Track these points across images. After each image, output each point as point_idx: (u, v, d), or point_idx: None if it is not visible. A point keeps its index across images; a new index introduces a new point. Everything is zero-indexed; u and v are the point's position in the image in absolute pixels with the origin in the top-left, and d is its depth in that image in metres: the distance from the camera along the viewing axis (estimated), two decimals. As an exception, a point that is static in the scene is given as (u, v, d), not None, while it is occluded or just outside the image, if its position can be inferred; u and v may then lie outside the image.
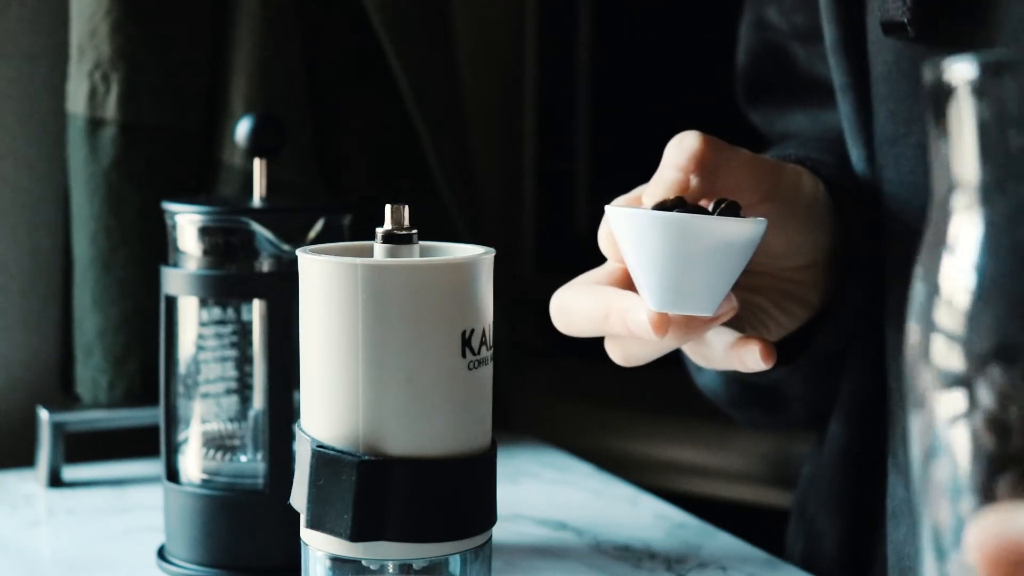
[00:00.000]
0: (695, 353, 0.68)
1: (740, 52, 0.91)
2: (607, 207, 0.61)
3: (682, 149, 0.62)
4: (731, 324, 0.67)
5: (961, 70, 0.35)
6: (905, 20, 0.67)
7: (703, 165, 0.62)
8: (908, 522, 0.72)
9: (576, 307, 0.64)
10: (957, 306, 0.35)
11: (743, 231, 0.59)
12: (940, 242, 0.36)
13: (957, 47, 0.67)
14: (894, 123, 0.71)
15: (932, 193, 0.37)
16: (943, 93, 0.35)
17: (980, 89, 0.34)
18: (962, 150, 0.35)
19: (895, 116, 0.70)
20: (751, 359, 0.64)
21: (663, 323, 0.60)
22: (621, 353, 0.66)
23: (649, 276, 0.60)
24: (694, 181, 0.62)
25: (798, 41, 0.85)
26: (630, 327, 0.61)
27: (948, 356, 0.35)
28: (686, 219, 0.59)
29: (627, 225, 0.60)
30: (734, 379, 0.80)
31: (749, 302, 0.69)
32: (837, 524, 0.80)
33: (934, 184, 0.37)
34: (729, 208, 0.61)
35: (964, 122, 0.35)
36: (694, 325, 0.62)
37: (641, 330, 0.61)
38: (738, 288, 0.67)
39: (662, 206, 0.61)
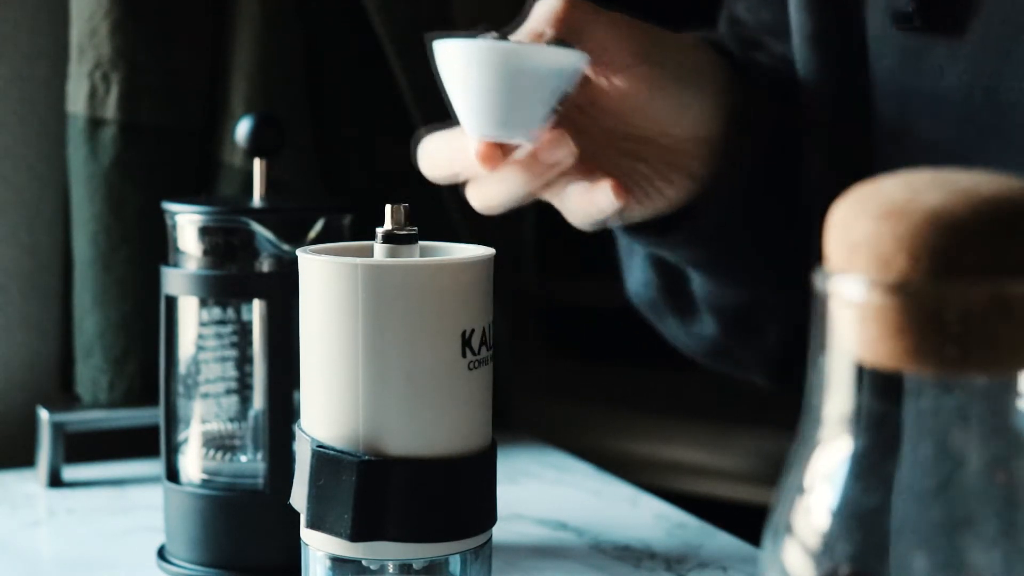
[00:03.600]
0: (565, 210, 0.70)
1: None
2: (435, 41, 0.65)
3: (546, 6, 0.65)
4: None
5: (847, 287, 0.33)
6: (911, 9, 0.67)
7: (561, 22, 0.64)
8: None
9: (432, 149, 0.68)
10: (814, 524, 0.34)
11: (551, 57, 0.63)
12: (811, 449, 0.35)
13: (953, 35, 0.67)
14: (901, 118, 0.70)
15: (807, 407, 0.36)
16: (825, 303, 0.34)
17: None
18: (839, 371, 0.34)
19: (902, 110, 0.70)
20: (603, 196, 0.66)
21: (488, 153, 0.64)
22: (478, 197, 0.68)
23: (462, 102, 0.64)
24: (548, 33, 0.64)
25: (770, 35, 0.85)
26: (464, 160, 0.65)
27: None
28: (492, 43, 0.62)
29: (444, 55, 0.64)
30: (653, 280, 0.82)
31: (632, 168, 0.71)
32: None
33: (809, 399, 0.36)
34: (556, 43, 0.64)
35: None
36: (533, 165, 0.65)
37: (467, 160, 0.65)
38: (621, 154, 0.70)
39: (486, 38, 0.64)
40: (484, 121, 0.64)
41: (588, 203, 0.67)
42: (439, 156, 0.68)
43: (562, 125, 0.68)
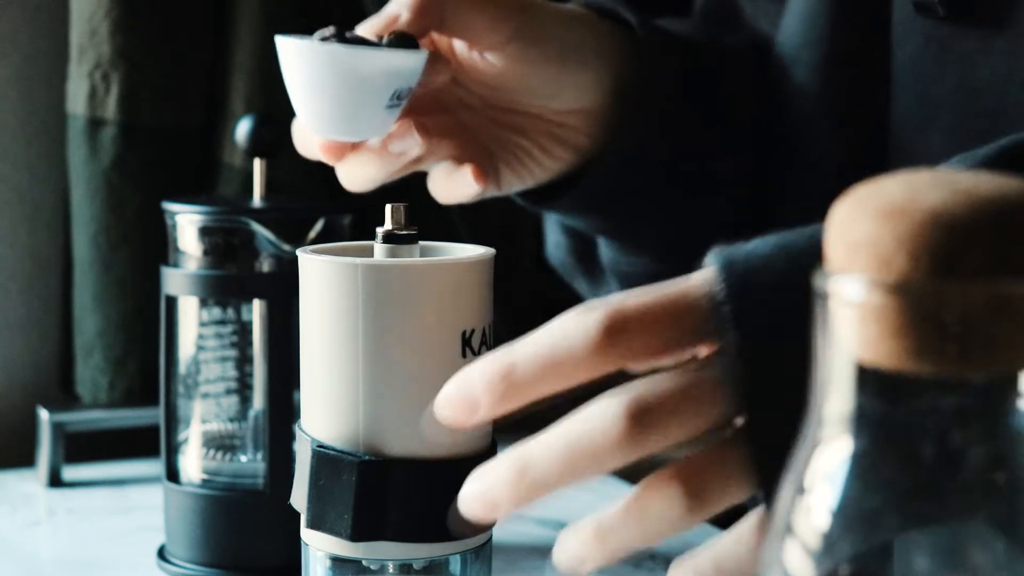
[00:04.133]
0: (431, 187, 0.71)
1: (696, 3, 0.90)
2: (277, 37, 0.65)
3: None
4: (496, 165, 0.71)
5: (847, 287, 0.33)
6: None
7: (419, 4, 0.64)
8: None
9: (298, 135, 0.70)
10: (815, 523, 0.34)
11: (384, 60, 0.63)
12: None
13: (988, 26, 0.66)
14: (923, 107, 0.69)
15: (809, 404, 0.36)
16: (825, 304, 0.34)
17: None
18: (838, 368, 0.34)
19: (924, 99, 0.69)
20: (463, 181, 0.68)
21: (330, 148, 0.67)
22: (344, 178, 0.71)
23: (299, 102, 0.65)
24: (404, 17, 0.65)
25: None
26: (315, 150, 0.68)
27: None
28: (322, 47, 0.63)
29: (281, 54, 0.65)
30: (564, 242, 0.82)
31: (511, 141, 0.71)
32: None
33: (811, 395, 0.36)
34: (399, 40, 0.64)
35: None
36: (383, 154, 0.67)
37: (312, 153, 0.68)
38: (501, 127, 0.70)
39: (324, 38, 0.64)
40: (318, 122, 0.65)
41: (450, 186, 0.69)
42: (310, 144, 0.70)
43: (442, 100, 0.69)
